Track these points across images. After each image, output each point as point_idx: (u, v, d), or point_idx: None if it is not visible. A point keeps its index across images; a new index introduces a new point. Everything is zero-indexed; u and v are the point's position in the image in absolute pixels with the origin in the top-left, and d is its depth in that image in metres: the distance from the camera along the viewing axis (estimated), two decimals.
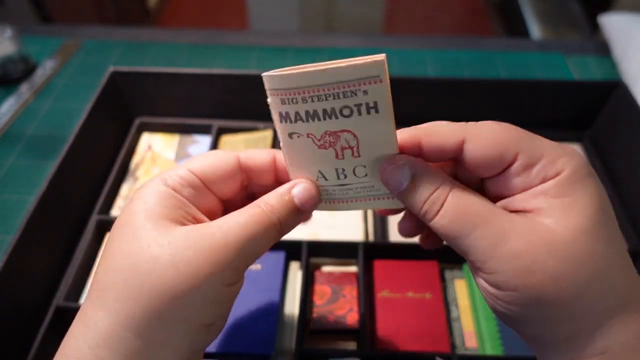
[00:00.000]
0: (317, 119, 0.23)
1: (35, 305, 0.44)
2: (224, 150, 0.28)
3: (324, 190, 0.27)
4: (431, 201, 0.23)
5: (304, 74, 0.22)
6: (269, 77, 0.23)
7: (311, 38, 0.79)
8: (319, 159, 0.25)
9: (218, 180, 0.26)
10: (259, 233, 0.24)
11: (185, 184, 0.25)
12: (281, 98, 0.23)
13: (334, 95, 0.22)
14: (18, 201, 0.54)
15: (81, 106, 0.65)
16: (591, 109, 0.57)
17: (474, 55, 0.74)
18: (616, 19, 0.73)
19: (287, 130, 0.24)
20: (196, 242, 0.22)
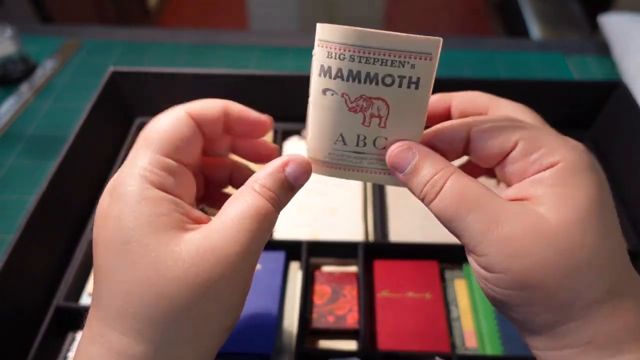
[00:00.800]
0: (358, 80, 0.23)
1: (35, 305, 0.44)
2: (171, 112, 0.26)
3: (339, 155, 0.26)
4: (431, 184, 0.24)
5: (362, 33, 0.22)
6: (323, 27, 0.23)
7: (311, 38, 0.78)
8: (345, 121, 0.25)
9: (185, 150, 0.25)
10: (263, 222, 0.23)
11: (166, 173, 0.24)
12: (329, 51, 0.23)
13: (382, 61, 0.23)
14: (18, 201, 0.54)
15: (81, 106, 0.65)
16: (591, 109, 0.57)
17: (474, 55, 0.74)
18: (616, 19, 0.73)
19: (323, 85, 0.24)
20: (213, 252, 0.22)
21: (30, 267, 0.43)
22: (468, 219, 0.22)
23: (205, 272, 0.21)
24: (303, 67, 0.72)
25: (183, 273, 0.21)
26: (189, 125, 0.26)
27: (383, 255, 0.47)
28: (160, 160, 0.24)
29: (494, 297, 0.23)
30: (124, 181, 0.23)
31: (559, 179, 0.22)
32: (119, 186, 0.23)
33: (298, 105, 0.58)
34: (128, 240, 0.22)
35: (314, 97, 0.25)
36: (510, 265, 0.21)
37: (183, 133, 0.25)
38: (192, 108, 0.27)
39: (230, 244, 0.22)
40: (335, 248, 0.47)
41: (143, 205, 0.22)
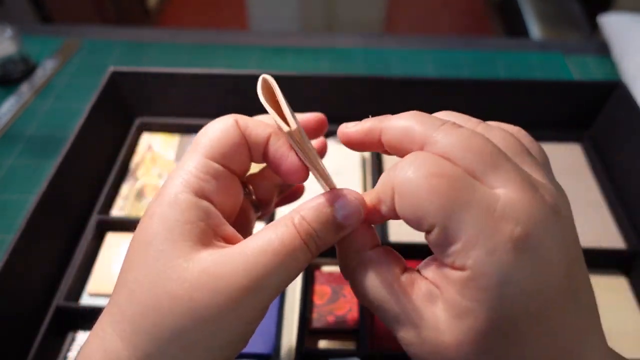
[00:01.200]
0: None
1: (35, 305, 0.44)
2: (221, 119, 0.25)
3: None
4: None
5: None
6: None
7: (311, 38, 0.79)
8: None
9: (232, 155, 0.24)
10: (290, 262, 0.21)
11: (208, 178, 0.23)
12: None
13: None
14: (18, 201, 0.54)
15: (81, 106, 0.65)
16: (591, 109, 0.57)
17: (474, 55, 0.74)
18: (616, 19, 0.73)
19: None
20: (216, 281, 0.20)
21: (30, 267, 0.43)
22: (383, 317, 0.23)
23: (201, 299, 0.20)
24: (303, 67, 0.72)
25: (180, 292, 0.20)
26: (237, 132, 0.24)
27: None
28: (206, 164, 0.23)
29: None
30: (167, 183, 0.23)
31: (462, 288, 0.19)
32: (163, 187, 0.23)
33: (298, 105, 0.58)
34: (149, 241, 0.21)
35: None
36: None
37: (231, 138, 0.24)
38: (242, 119, 0.25)
39: (237, 275, 0.20)
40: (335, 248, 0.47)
41: (173, 209, 0.22)
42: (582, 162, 0.56)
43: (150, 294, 0.21)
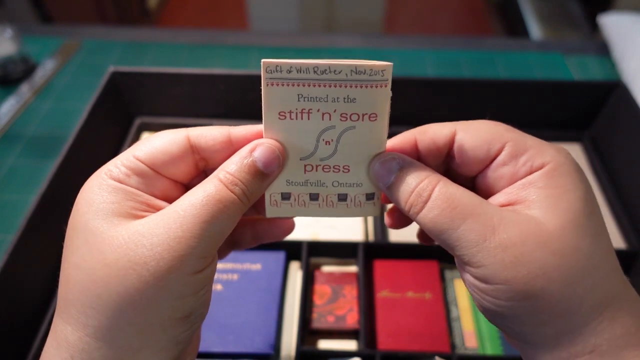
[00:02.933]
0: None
1: (35, 305, 0.44)
2: (173, 130, 0.25)
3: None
4: (417, 193, 0.22)
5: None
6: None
7: (311, 38, 0.79)
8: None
9: (168, 164, 0.24)
10: (221, 211, 0.22)
11: (131, 172, 0.23)
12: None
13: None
14: (18, 201, 0.54)
15: (81, 106, 0.65)
16: (591, 109, 0.57)
17: (474, 55, 0.74)
18: (616, 19, 0.73)
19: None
20: (151, 237, 0.20)
21: (31, 267, 0.43)
22: (461, 229, 0.21)
23: (139, 256, 0.20)
24: None
25: (115, 258, 0.20)
26: (180, 145, 0.24)
27: (383, 255, 0.47)
28: (132, 161, 0.23)
29: (494, 311, 0.22)
30: (94, 174, 0.23)
31: (550, 180, 0.21)
32: (90, 178, 0.23)
33: None
34: (76, 225, 0.22)
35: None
36: (511, 274, 0.20)
37: (169, 150, 0.24)
38: (194, 133, 0.26)
39: (171, 229, 0.21)
40: (335, 248, 0.47)
41: (97, 194, 0.22)
42: (582, 162, 0.56)
43: (87, 270, 0.21)
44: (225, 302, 0.43)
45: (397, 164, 0.23)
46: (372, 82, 0.22)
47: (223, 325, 0.41)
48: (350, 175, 0.25)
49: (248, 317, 0.42)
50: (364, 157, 0.24)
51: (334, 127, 0.24)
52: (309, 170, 0.25)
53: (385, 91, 0.23)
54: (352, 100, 0.23)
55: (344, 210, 0.26)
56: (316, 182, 0.25)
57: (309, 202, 0.26)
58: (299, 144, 0.24)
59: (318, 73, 0.22)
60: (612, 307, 0.20)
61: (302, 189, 0.25)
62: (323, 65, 0.22)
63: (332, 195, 0.25)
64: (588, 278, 0.20)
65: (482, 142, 0.23)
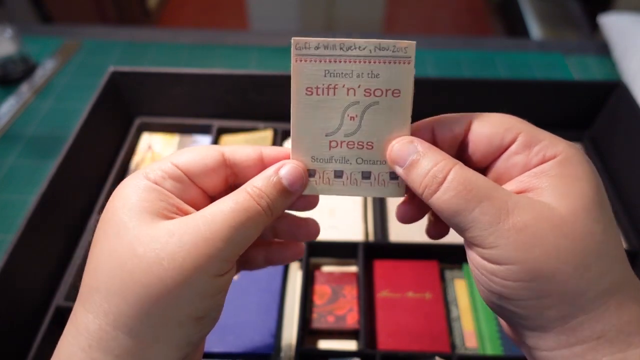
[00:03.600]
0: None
1: (35, 305, 0.44)
2: (209, 145, 0.27)
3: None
4: (433, 174, 0.23)
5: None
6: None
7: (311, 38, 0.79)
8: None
9: (202, 174, 0.25)
10: (247, 220, 0.23)
11: (168, 176, 0.24)
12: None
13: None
14: (18, 201, 0.54)
15: (81, 106, 0.65)
16: (591, 109, 0.57)
17: (474, 55, 0.74)
18: (616, 19, 0.73)
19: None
20: (180, 235, 0.22)
21: (31, 267, 0.43)
22: (475, 211, 0.21)
23: (166, 252, 0.21)
24: None
25: (144, 250, 0.21)
26: (215, 159, 0.26)
27: (383, 255, 0.47)
28: (170, 167, 0.25)
29: (500, 293, 0.22)
30: (131, 175, 0.25)
31: (561, 169, 0.22)
32: (127, 178, 0.25)
33: None
34: (110, 217, 0.23)
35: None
36: (523, 255, 0.20)
37: (205, 162, 0.26)
38: (229, 150, 0.27)
39: (199, 230, 0.22)
40: (335, 248, 0.47)
41: (132, 192, 0.23)
42: None
43: (116, 260, 0.22)
44: (226, 302, 0.43)
45: (415, 147, 0.24)
46: (395, 58, 0.23)
47: (223, 325, 0.41)
48: (374, 152, 0.25)
49: (248, 317, 0.42)
50: (388, 133, 0.25)
51: (358, 102, 0.24)
52: (334, 147, 0.25)
53: (408, 68, 0.24)
54: (376, 75, 0.24)
55: (368, 189, 0.26)
56: (341, 158, 0.25)
57: (333, 180, 0.26)
58: (325, 119, 0.25)
59: (344, 49, 0.24)
60: (620, 294, 0.20)
61: (327, 166, 0.26)
62: (349, 42, 0.23)
63: (356, 173, 0.26)
64: (598, 263, 0.20)
65: (496, 131, 0.24)
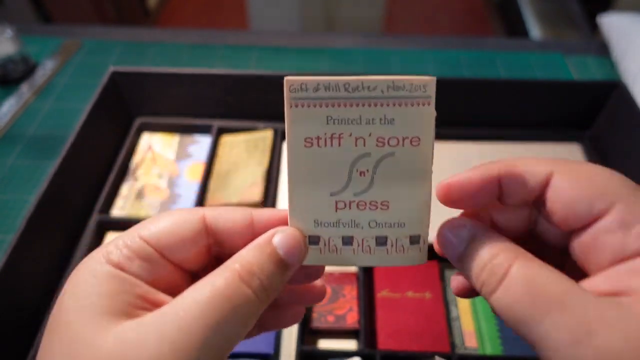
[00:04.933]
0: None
1: (35, 305, 0.44)
2: (187, 209, 0.22)
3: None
4: (490, 270, 0.18)
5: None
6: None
7: (311, 38, 0.79)
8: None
9: (177, 248, 0.21)
10: (232, 312, 0.18)
11: (134, 255, 0.20)
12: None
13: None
14: (18, 201, 0.54)
15: (81, 106, 0.65)
16: (591, 109, 0.57)
17: (474, 55, 0.74)
18: (616, 19, 0.73)
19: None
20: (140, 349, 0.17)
21: (30, 267, 0.43)
22: (545, 324, 0.16)
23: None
24: (303, 67, 0.72)
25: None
26: (194, 227, 0.21)
27: None
28: (137, 244, 0.20)
29: None
30: (90, 255, 0.20)
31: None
32: (84, 260, 0.20)
33: None
34: (58, 323, 0.19)
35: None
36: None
37: (177, 229, 0.21)
38: (211, 213, 0.22)
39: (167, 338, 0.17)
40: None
41: (88, 284, 0.19)
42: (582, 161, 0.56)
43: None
44: None
45: (469, 232, 0.20)
46: (412, 99, 0.20)
47: None
48: (390, 213, 0.21)
49: None
50: (406, 190, 0.21)
51: (370, 154, 0.20)
52: (341, 208, 0.21)
53: (428, 110, 0.20)
54: (390, 121, 0.20)
55: (384, 257, 0.22)
56: (350, 222, 0.21)
57: (341, 248, 0.22)
58: (329, 176, 0.21)
59: (349, 90, 0.19)
60: None
61: (334, 231, 0.21)
62: (355, 82, 0.19)
63: (369, 239, 0.21)
64: None
65: (584, 194, 0.18)
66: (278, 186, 0.54)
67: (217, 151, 0.57)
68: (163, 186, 0.55)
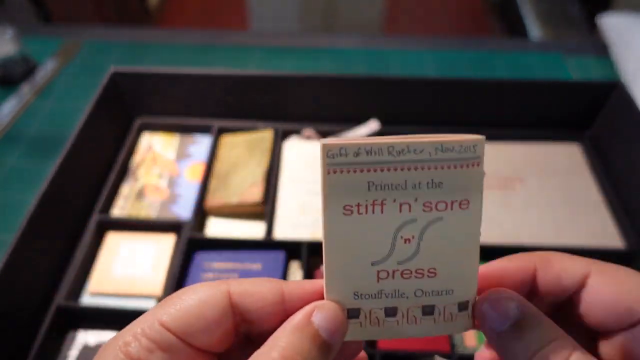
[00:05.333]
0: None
1: (36, 305, 0.44)
2: (209, 285, 0.19)
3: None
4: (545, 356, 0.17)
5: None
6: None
7: (311, 38, 0.79)
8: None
9: (201, 332, 0.18)
10: None
11: (155, 347, 0.18)
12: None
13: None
14: (19, 201, 0.54)
15: (82, 106, 0.65)
16: (590, 109, 0.57)
17: (473, 55, 0.74)
18: (615, 19, 0.74)
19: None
20: None
21: (31, 266, 0.43)
22: None
23: None
24: (303, 67, 0.73)
25: None
26: (217, 305, 0.19)
27: None
28: (156, 330, 0.18)
29: None
30: (106, 346, 0.18)
31: None
32: (100, 352, 0.18)
33: (298, 105, 0.58)
34: None
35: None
36: None
37: (201, 311, 0.18)
38: (237, 288, 0.19)
39: None
40: None
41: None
42: (581, 161, 0.57)
43: None
44: None
45: (517, 309, 0.18)
46: (461, 161, 0.18)
47: None
48: (438, 281, 0.20)
49: None
50: (455, 255, 0.19)
51: (415, 220, 0.19)
52: (384, 278, 0.19)
53: (477, 171, 0.18)
54: (438, 185, 0.18)
55: (431, 327, 0.20)
56: (393, 292, 0.20)
57: (384, 320, 0.20)
58: (370, 244, 0.19)
59: (394, 154, 0.18)
60: None
61: (375, 303, 0.20)
62: (400, 144, 0.18)
63: (415, 309, 0.20)
64: None
65: (624, 297, 0.18)
66: (278, 186, 0.54)
67: (217, 151, 0.57)
68: (163, 186, 0.55)
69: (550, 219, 0.51)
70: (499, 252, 0.23)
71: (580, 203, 0.52)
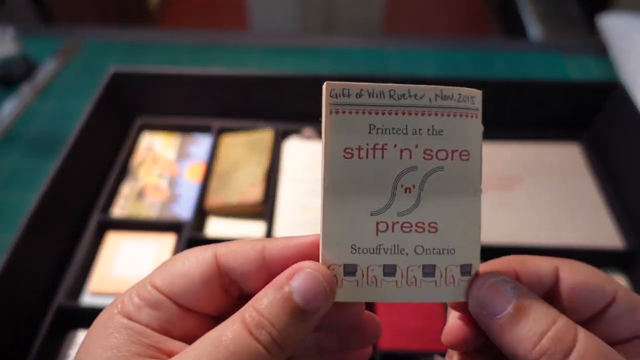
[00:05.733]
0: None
1: (36, 304, 0.44)
2: (199, 248, 0.20)
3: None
4: (556, 337, 0.16)
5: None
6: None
7: (311, 38, 0.79)
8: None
9: (188, 292, 0.19)
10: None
11: (144, 304, 0.18)
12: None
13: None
14: (19, 201, 0.54)
15: (82, 106, 0.65)
16: (589, 109, 0.57)
17: (473, 55, 0.74)
18: (615, 19, 0.74)
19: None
20: None
21: (31, 266, 0.43)
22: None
23: None
24: (303, 67, 0.73)
25: None
26: (203, 267, 0.19)
27: None
28: (146, 290, 0.19)
29: None
30: (108, 306, 0.19)
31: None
32: (102, 312, 0.19)
33: (298, 105, 0.58)
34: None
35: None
36: None
37: (187, 269, 0.19)
38: (222, 251, 0.20)
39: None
40: None
41: (99, 336, 0.18)
42: (581, 161, 0.57)
43: None
44: None
45: (513, 290, 0.18)
46: (461, 110, 0.18)
47: None
48: (439, 237, 0.19)
49: None
50: (456, 209, 0.19)
51: (416, 168, 0.18)
52: (383, 231, 0.18)
53: (476, 123, 0.19)
54: (438, 132, 0.18)
55: (432, 292, 0.19)
56: (392, 247, 0.18)
57: (382, 279, 0.19)
58: (369, 192, 0.18)
59: (395, 98, 0.18)
60: None
61: (374, 259, 0.18)
62: (401, 89, 0.18)
63: (415, 268, 0.19)
64: None
65: (593, 279, 0.19)
66: (278, 186, 0.54)
67: (217, 151, 0.57)
68: (163, 186, 0.55)
69: (549, 219, 0.51)
70: (499, 252, 0.23)
71: (579, 203, 0.52)
